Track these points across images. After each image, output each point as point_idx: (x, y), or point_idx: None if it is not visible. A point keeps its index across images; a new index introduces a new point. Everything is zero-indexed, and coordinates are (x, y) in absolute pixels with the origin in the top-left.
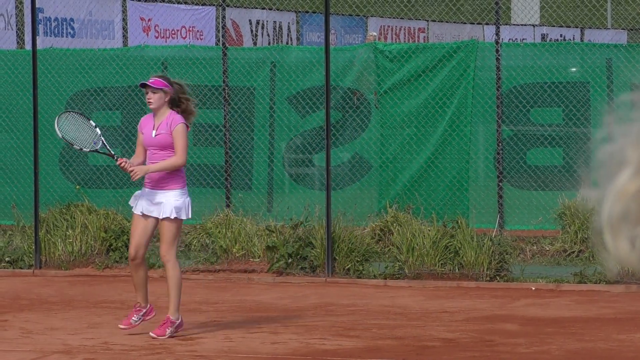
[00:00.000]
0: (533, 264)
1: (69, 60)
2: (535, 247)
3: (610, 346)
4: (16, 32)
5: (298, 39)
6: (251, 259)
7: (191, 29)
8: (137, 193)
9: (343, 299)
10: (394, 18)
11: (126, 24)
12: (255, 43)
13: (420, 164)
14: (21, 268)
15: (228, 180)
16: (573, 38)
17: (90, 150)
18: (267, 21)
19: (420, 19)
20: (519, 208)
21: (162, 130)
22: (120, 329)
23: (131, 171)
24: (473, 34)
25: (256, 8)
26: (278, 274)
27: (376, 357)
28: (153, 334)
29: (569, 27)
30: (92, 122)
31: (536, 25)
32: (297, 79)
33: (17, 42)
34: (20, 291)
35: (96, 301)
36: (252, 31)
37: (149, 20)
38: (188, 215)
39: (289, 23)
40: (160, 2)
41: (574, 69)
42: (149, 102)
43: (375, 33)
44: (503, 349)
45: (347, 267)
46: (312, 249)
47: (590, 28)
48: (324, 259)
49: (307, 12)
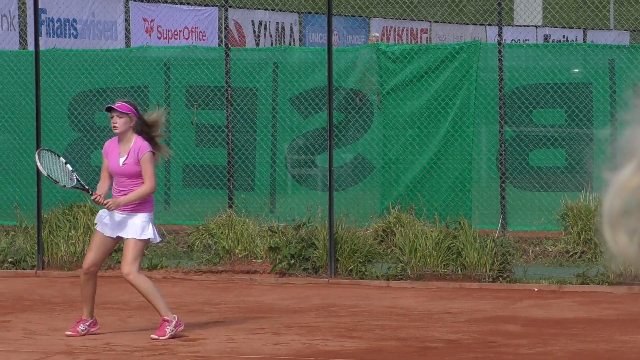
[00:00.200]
0: (536, 265)
1: (72, 61)
2: (537, 248)
3: (612, 347)
4: (19, 33)
5: (300, 40)
6: (254, 260)
7: (194, 30)
8: (102, 212)
9: (345, 300)
10: (397, 19)
11: (129, 25)
12: (257, 44)
13: (422, 165)
14: (24, 269)
15: (230, 181)
16: (576, 39)
17: (70, 187)
18: (270, 22)
19: (422, 20)
20: (522, 209)
21: (130, 159)
22: (67, 335)
23: (105, 203)
24: (475, 35)
25: (259, 9)
26: (280, 275)
27: (379, 358)
28: (154, 336)
29: (572, 28)
30: (62, 159)
31: (539, 26)
32: (300, 80)
33: (20, 43)
34: (22, 292)
35: (98, 302)
36: (255, 32)
37: (152, 21)
38: (157, 238)
39: (292, 24)
40: (162, 3)
41: (577, 70)
42: (114, 127)
43: (377, 34)
44: (505, 350)
45: (350, 268)
46: (315, 250)
47: (592, 29)
48: (327, 260)
49: (310, 13)
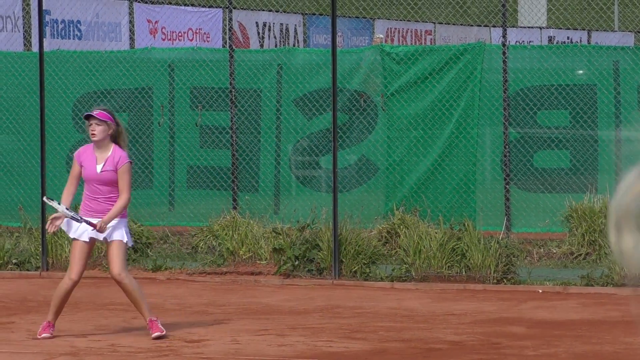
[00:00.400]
0: (540, 267)
1: (76, 62)
2: (542, 250)
3: (617, 349)
4: (23, 35)
5: (305, 41)
6: (258, 261)
7: (198, 31)
8: (73, 221)
9: (350, 302)
10: (401, 20)
11: (133, 26)
12: (262, 45)
13: (427, 167)
14: (28, 270)
15: (235, 182)
16: (580, 40)
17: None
18: (274, 23)
19: (427, 21)
20: (526, 210)
21: (109, 167)
22: (42, 338)
23: (100, 229)
24: (480, 36)
25: (263, 10)
26: (285, 276)
27: None
28: (157, 334)
29: (576, 30)
30: (55, 202)
31: (543, 27)
32: (304, 81)
33: (24, 45)
34: (27, 293)
35: (103, 303)
36: (259, 33)
37: (156, 22)
38: (130, 242)
39: (296, 25)
40: (167, 4)
41: (581, 72)
42: (92, 134)
43: (382, 35)
44: (510, 352)
45: (354, 270)
46: (319, 251)
47: (597, 30)
48: (331, 261)
49: (314, 15)
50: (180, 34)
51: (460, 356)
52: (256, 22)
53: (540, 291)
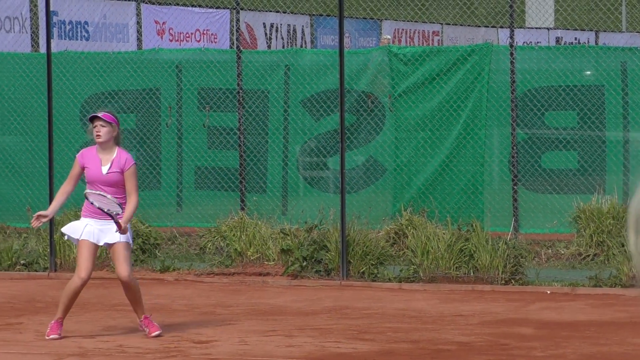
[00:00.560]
0: (548, 268)
1: (84, 63)
2: (550, 251)
3: (625, 350)
4: (31, 36)
5: (312, 42)
6: (266, 262)
7: (205, 32)
8: (75, 224)
9: (358, 302)
10: (408, 21)
11: (140, 27)
12: (269, 46)
13: (434, 167)
14: (36, 271)
15: (242, 183)
16: (588, 41)
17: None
18: (282, 24)
19: (434, 22)
20: (534, 211)
21: (115, 168)
22: (51, 339)
23: (123, 229)
24: (487, 37)
25: (270, 11)
26: (293, 277)
27: None
28: (155, 333)
29: (584, 30)
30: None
31: (551, 28)
32: (311, 82)
33: (32, 46)
34: (35, 294)
35: (111, 304)
36: (267, 34)
37: (163, 23)
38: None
39: (303, 26)
40: (174, 5)
41: (589, 72)
42: (97, 136)
43: (389, 36)
44: (518, 353)
45: (362, 271)
46: (327, 252)
47: (605, 31)
48: (339, 262)
49: (321, 16)
50: (187, 35)
51: (468, 357)
52: (263, 23)
53: (548, 292)
